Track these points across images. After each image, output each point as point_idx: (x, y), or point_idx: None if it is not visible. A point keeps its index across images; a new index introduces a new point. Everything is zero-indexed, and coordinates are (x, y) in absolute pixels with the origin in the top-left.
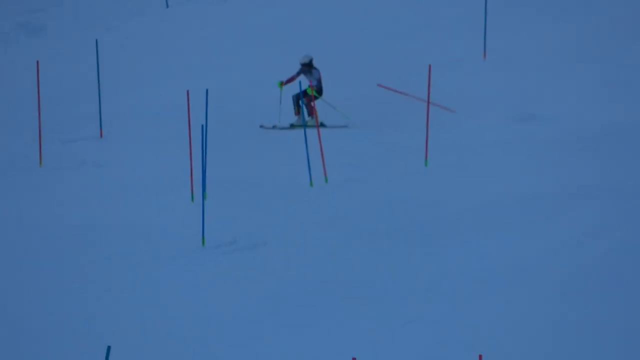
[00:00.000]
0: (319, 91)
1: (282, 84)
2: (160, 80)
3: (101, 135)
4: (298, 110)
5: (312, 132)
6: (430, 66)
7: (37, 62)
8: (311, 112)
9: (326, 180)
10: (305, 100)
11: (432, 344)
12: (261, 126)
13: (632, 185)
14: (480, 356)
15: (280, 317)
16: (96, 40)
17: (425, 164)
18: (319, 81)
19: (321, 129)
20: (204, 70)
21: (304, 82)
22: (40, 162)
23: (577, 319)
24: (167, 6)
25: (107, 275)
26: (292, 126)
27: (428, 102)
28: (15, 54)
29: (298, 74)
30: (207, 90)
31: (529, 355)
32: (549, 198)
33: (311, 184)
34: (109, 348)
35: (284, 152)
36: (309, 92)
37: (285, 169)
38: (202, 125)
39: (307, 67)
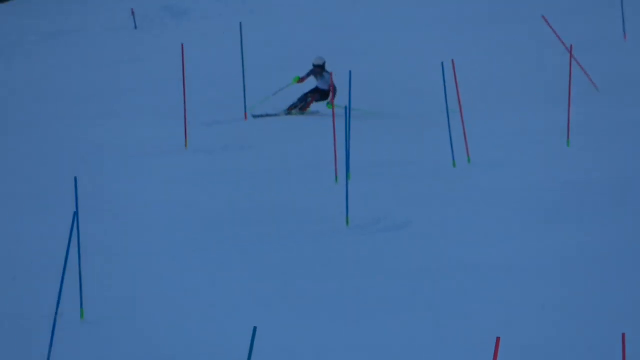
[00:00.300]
0: (326, 94)
1: (298, 80)
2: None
3: (245, 118)
4: (303, 108)
5: (455, 116)
6: (571, 46)
7: (182, 46)
8: (303, 108)
9: (469, 161)
10: (310, 98)
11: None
12: (254, 116)
13: None
14: None
15: (422, 297)
16: (240, 23)
17: (568, 145)
18: (332, 85)
19: None
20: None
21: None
22: (186, 145)
23: None
24: None
25: (253, 255)
26: (288, 112)
27: (570, 84)
28: (160, 36)
29: (308, 74)
30: (350, 72)
31: None
32: None
33: (454, 165)
34: (255, 329)
35: (426, 134)
36: (329, 107)
37: (427, 150)
38: (346, 107)
39: (319, 70)
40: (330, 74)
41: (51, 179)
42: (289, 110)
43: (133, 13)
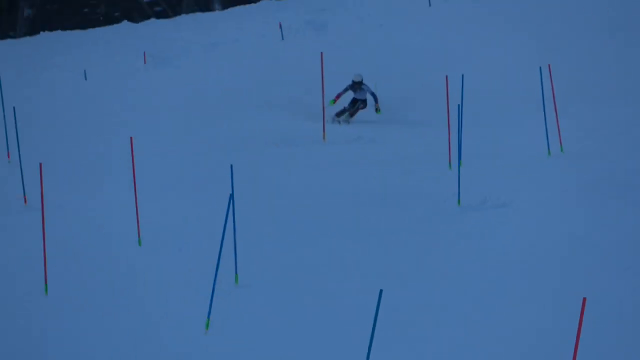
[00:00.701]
0: (365, 102)
1: (333, 101)
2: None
3: (375, 112)
4: (352, 113)
5: (549, 106)
6: None
7: (321, 54)
8: (352, 114)
9: (562, 150)
10: (356, 107)
11: None
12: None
13: None
14: None
15: (526, 266)
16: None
17: None
18: (372, 93)
19: None
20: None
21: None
22: (324, 138)
23: None
24: (429, 5)
25: (381, 231)
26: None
27: None
28: (303, 46)
29: (345, 89)
30: (462, 76)
31: None
32: None
33: (549, 153)
34: (380, 291)
35: (523, 128)
36: (378, 112)
37: (525, 141)
38: (458, 105)
39: (358, 85)
40: (367, 85)
41: (217, 164)
42: (338, 116)
43: (280, 26)
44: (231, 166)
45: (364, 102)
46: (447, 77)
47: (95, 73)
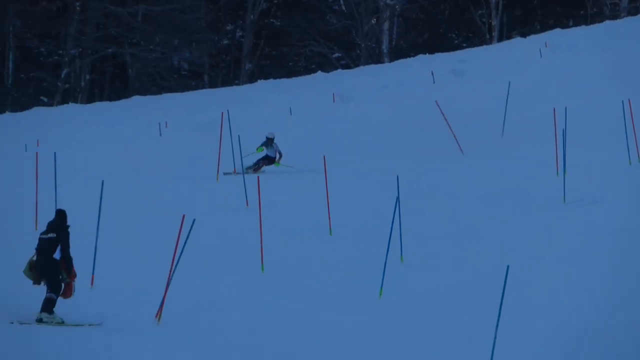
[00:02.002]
0: (272, 160)
1: (259, 149)
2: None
3: (502, 135)
4: (256, 168)
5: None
6: None
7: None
8: (256, 169)
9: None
10: (262, 163)
11: None
12: (225, 173)
13: None
14: None
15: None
16: (509, 82)
17: None
18: (278, 152)
19: None
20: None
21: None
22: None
23: None
24: (540, 56)
25: (501, 222)
26: (247, 170)
27: None
28: (445, 90)
29: (263, 144)
30: (565, 108)
31: None
32: None
33: (629, 163)
34: (507, 267)
35: (606, 143)
36: (276, 165)
37: (608, 155)
38: (563, 130)
39: (270, 141)
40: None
41: (387, 172)
42: (247, 170)
43: (432, 73)
44: (397, 176)
45: (271, 159)
46: (554, 109)
47: (298, 109)
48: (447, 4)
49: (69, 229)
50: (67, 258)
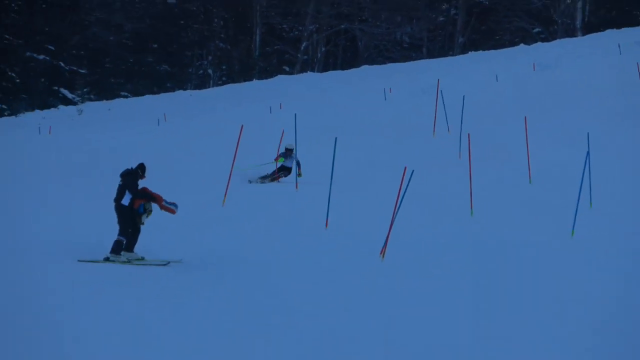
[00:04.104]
0: (289, 171)
1: (280, 160)
2: None
3: None
4: (272, 178)
5: None
6: None
7: None
8: (273, 179)
9: None
10: (278, 174)
11: None
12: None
13: None
14: None
15: None
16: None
17: None
18: (297, 162)
19: None
20: None
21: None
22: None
23: None
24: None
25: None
26: (262, 180)
27: None
28: (630, 60)
29: (282, 155)
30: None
31: None
32: None
33: None
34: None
35: None
36: (299, 176)
37: None
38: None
39: (289, 152)
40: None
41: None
42: (262, 179)
43: (619, 45)
44: (587, 133)
45: (288, 170)
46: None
47: (503, 77)
48: None
49: (140, 176)
50: (135, 194)
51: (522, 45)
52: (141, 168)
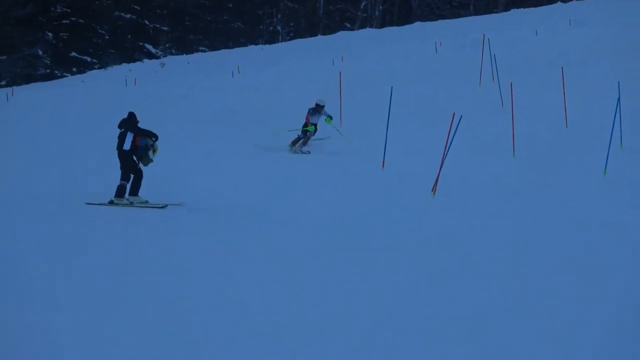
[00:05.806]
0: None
1: (328, 120)
2: None
3: None
4: (305, 141)
5: None
6: None
7: None
8: (305, 142)
9: None
10: (309, 134)
11: None
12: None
13: None
14: None
15: None
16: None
17: None
18: (329, 117)
19: None
20: None
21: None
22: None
23: None
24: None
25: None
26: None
27: None
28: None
29: (309, 114)
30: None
31: None
32: None
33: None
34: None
35: None
36: (328, 122)
37: None
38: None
39: (320, 108)
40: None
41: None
42: (294, 145)
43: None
44: (619, 82)
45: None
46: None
47: (542, 32)
48: None
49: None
50: (137, 132)
51: (559, 3)
52: (134, 115)
